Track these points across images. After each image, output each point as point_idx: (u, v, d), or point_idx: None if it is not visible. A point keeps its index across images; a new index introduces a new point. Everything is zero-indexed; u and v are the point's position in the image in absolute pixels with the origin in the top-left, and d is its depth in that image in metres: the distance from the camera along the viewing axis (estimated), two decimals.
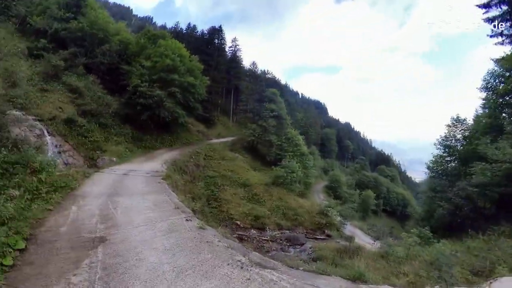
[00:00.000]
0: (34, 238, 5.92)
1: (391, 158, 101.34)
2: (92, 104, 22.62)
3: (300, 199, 28.49)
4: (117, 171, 13.98)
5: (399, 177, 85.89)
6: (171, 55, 27.45)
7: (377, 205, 54.77)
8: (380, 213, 56.99)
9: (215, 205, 21.76)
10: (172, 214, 7.93)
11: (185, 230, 6.68)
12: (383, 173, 74.50)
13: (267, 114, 39.46)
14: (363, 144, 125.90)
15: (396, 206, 62.26)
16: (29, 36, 27.96)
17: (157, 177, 12.76)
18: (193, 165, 23.89)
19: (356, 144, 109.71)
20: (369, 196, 51.36)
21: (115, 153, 19.97)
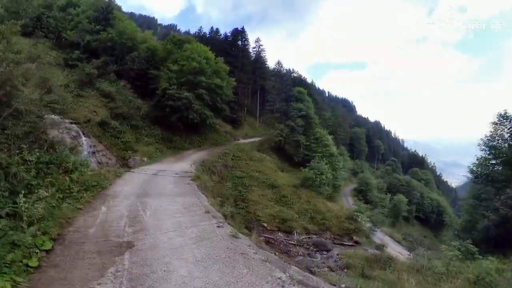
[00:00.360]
0: (62, 238, 5.75)
1: (425, 160, 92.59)
2: (123, 107, 23.31)
3: (328, 202, 27.05)
4: (147, 171, 13.83)
5: (434, 181, 78.99)
6: (197, 58, 27.45)
7: (409, 211, 50.30)
8: (412, 220, 52.41)
9: (242, 206, 21.08)
10: (202, 219, 7.35)
11: (217, 238, 6.00)
12: (417, 176, 68.57)
13: (295, 114, 38.15)
14: (394, 144, 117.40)
15: (429, 213, 56.54)
16: (65, 49, 30.17)
17: (186, 178, 12.37)
18: (221, 165, 23.52)
19: (386, 144, 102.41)
20: (401, 201, 47.39)
21: (145, 153, 20.20)
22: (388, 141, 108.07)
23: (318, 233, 19.04)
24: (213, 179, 19.64)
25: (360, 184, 50.96)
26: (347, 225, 20.68)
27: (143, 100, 27.27)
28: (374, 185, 51.45)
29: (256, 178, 25.93)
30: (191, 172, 13.97)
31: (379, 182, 56.97)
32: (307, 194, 25.15)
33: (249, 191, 23.31)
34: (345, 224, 20.81)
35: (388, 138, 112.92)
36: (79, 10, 33.03)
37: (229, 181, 23.20)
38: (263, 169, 28.61)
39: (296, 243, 16.36)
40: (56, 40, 31.72)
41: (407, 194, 51.88)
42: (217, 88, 28.20)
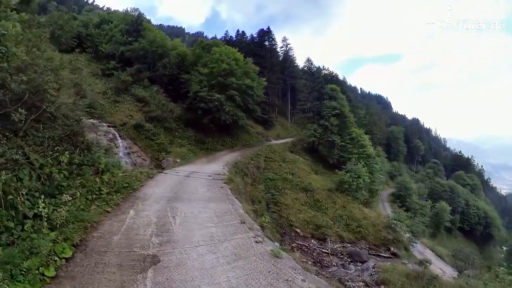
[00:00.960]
0: (84, 244, 5.34)
1: (471, 162, 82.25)
2: (157, 110, 23.64)
3: (365, 208, 24.93)
4: (179, 172, 13.24)
5: (481, 187, 70.49)
6: (226, 60, 26.92)
7: (452, 221, 44.99)
8: (454, 231, 46.98)
9: (275, 209, 19.92)
10: (237, 231, 6.31)
11: (255, 258, 4.90)
12: (461, 181, 61.16)
13: (328, 113, 36.00)
14: (435, 144, 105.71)
15: (475, 224, 50.15)
16: (102, 61, 32.53)
17: (218, 181, 11.50)
18: (253, 167, 22.55)
19: (426, 144, 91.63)
20: (444, 209, 42.95)
21: (178, 154, 20.00)
22: (429, 141, 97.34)
23: (353, 242, 17.70)
24: (245, 181, 18.71)
25: (399, 189, 46.86)
26: (384, 234, 18.90)
27: (176, 103, 27.51)
28: (414, 190, 46.92)
29: (289, 181, 24.62)
30: (223, 174, 13.12)
31: (420, 187, 51.66)
32: (343, 199, 23.63)
33: (282, 194, 22.11)
34: (382, 233, 19.02)
35: (429, 138, 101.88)
36: (111, 25, 35.41)
37: (261, 183, 22.15)
38: (296, 171, 27.18)
39: (329, 252, 15.31)
40: (94, 53, 34.59)
41: (450, 202, 47.00)
42: (248, 88, 27.40)
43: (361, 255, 15.35)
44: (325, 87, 40.34)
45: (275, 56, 53.66)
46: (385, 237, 18.60)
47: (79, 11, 52.69)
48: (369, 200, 30.83)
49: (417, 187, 49.88)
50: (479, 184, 69.57)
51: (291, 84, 53.71)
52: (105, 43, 33.52)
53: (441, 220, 41.97)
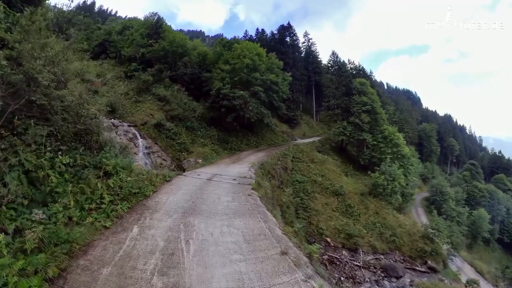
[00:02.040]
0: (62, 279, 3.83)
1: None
2: (178, 109, 22.19)
3: (399, 215, 22.46)
4: (201, 174, 11.37)
5: None
6: (249, 55, 24.90)
7: (491, 231, 39.03)
8: (493, 243, 40.61)
9: (304, 216, 17.95)
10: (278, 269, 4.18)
11: None
12: (502, 185, 53.02)
13: (359, 109, 32.76)
14: (470, 143, 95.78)
15: None
16: (124, 64, 32.70)
17: (245, 186, 9.41)
18: (280, 168, 20.30)
19: (461, 143, 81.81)
20: (483, 217, 37.51)
21: (201, 154, 18.28)
22: (463, 140, 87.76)
23: (386, 253, 16.04)
24: (272, 183, 16.54)
25: (434, 193, 42.15)
26: (421, 245, 16.96)
27: (198, 102, 26.03)
28: (451, 195, 41.54)
29: (318, 183, 22.26)
30: (250, 178, 11.02)
31: (457, 191, 45.52)
32: (376, 204, 21.52)
33: (311, 199, 19.92)
34: (419, 244, 17.09)
35: (463, 136, 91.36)
36: (132, 30, 35.50)
37: (289, 186, 19.90)
38: (326, 173, 24.60)
39: (362, 265, 13.88)
40: (118, 58, 35.39)
41: (489, 209, 41.04)
42: (273, 84, 25.21)
43: (396, 270, 13.83)
44: (353, 82, 36.98)
45: (297, 52, 50.79)
46: (422, 249, 16.66)
47: (103, 22, 54.14)
48: (403, 205, 27.49)
49: (454, 192, 44.37)
50: None
51: (315, 81, 50.57)
52: (126, 47, 33.65)
53: (479, 230, 36.96)
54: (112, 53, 36.31)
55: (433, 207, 38.14)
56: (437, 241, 17.65)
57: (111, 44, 36.97)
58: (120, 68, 31.97)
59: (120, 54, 35.07)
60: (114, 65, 34.01)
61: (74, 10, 59.74)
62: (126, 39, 35.23)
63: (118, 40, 36.46)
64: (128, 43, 34.24)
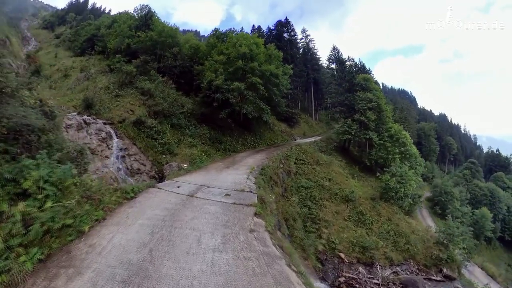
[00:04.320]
0: None
1: (511, 162, 68.03)
2: (163, 104, 18.55)
3: (411, 220, 20.69)
4: (181, 186, 8.02)
5: None
6: (246, 43, 21.57)
7: (493, 230, 37.54)
8: (494, 241, 38.88)
9: (313, 228, 15.11)
10: None
11: None
12: (501, 183, 51.49)
13: (364, 106, 29.61)
14: (465, 141, 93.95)
15: None
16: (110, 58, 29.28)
17: (244, 208, 5.95)
18: (283, 172, 17.03)
19: (457, 141, 79.80)
20: (486, 216, 35.96)
21: (187, 157, 14.80)
22: (459, 138, 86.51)
23: (401, 264, 14.60)
24: (275, 191, 13.27)
25: (437, 193, 39.67)
26: (436, 252, 15.77)
27: (188, 97, 22.52)
28: (456, 195, 39.23)
29: (327, 189, 19.08)
30: (249, 191, 7.62)
31: (461, 191, 43.45)
32: (388, 210, 19.47)
33: (319, 207, 16.88)
34: (433, 251, 15.87)
35: (459, 135, 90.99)
36: (120, 22, 32.27)
37: (294, 193, 16.66)
38: (333, 176, 21.38)
39: (381, 283, 12.16)
40: (106, 54, 32.19)
41: (490, 207, 39.49)
42: (273, 76, 21.75)
43: (417, 284, 12.28)
44: (356, 77, 33.82)
45: (295, 48, 47.57)
46: (436, 256, 15.48)
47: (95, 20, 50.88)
48: (411, 208, 24.77)
49: (459, 192, 41.95)
50: None
51: (314, 78, 47.45)
52: (113, 39, 30.42)
53: (482, 230, 35.23)
54: (99, 47, 33.31)
55: (438, 208, 36.09)
56: (451, 247, 16.41)
57: (99, 39, 34.02)
58: (106, 62, 28.80)
59: (107, 48, 31.90)
60: (100, 59, 31.03)
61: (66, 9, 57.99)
62: (114, 31, 31.92)
63: (106, 34, 33.29)
64: (114, 35, 30.90)
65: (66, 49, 41.70)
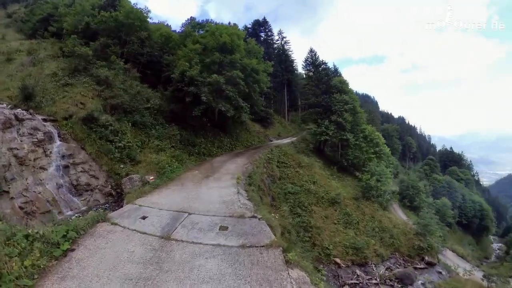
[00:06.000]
0: None
1: (462, 157, 73.75)
2: (123, 96, 14.80)
3: (391, 215, 21.74)
4: (149, 216, 5.20)
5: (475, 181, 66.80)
6: (227, 32, 18.95)
7: (453, 216, 41.53)
8: (453, 226, 42.93)
9: (306, 237, 13.86)
10: None
11: None
12: (455, 176, 56.91)
13: (341, 107, 28.85)
14: (422, 141, 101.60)
15: (472, 218, 46.75)
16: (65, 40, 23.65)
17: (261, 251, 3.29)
18: (267, 177, 14.76)
19: (416, 141, 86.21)
20: (446, 205, 39.54)
21: (154, 165, 11.44)
22: (417, 138, 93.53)
23: (389, 258, 15.28)
24: (264, 201, 10.92)
25: (404, 188, 41.66)
26: (417, 242, 16.98)
27: (155, 91, 19.05)
28: (422, 188, 41.56)
29: (313, 193, 17.63)
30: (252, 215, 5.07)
31: (425, 184, 46.51)
32: (370, 208, 19.90)
33: (309, 213, 15.52)
34: (415, 241, 17.08)
35: (416, 135, 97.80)
36: None
37: (282, 200, 14.50)
38: (317, 179, 19.85)
39: (379, 282, 12.32)
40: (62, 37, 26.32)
41: (449, 197, 43.74)
42: (254, 72, 19.33)
43: (410, 277, 13.22)
44: (332, 80, 33.23)
45: (271, 48, 45.84)
46: (418, 246, 16.69)
47: None
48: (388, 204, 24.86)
49: (423, 185, 45.01)
50: (471, 178, 65.82)
51: (288, 79, 46.12)
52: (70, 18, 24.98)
53: (444, 217, 38.12)
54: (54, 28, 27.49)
55: (406, 201, 37.34)
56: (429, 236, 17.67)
57: (55, 19, 28.03)
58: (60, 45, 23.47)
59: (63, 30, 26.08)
60: (54, 43, 25.50)
61: None
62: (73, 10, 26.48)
63: (64, 14, 27.45)
64: (73, 14, 25.52)
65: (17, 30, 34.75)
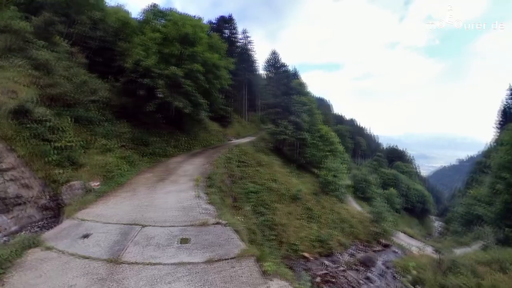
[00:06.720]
0: None
1: (405, 154, 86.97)
2: (65, 85, 12.61)
3: (348, 206, 23.09)
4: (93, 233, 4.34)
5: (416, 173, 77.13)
6: (191, 23, 17.83)
7: (400, 203, 48.47)
8: (401, 211, 49.86)
9: (272, 235, 13.72)
10: None
11: None
12: (400, 169, 65.44)
13: (299, 108, 29.86)
14: (370, 140, 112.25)
15: (416, 203, 55.24)
16: None
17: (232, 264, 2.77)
18: (228, 178, 14.30)
19: (365, 140, 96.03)
20: (393, 194, 45.73)
21: (100, 168, 9.89)
22: (366, 138, 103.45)
23: (351, 245, 16.24)
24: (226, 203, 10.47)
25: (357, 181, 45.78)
26: (373, 229, 18.52)
27: (105, 83, 16.79)
28: (373, 181, 46.55)
29: (275, 191, 17.88)
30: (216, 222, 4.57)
31: (376, 177, 52.49)
32: (329, 201, 20.97)
33: (272, 211, 15.69)
34: (371, 228, 18.60)
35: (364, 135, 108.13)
36: None
37: (244, 200, 14.17)
38: (277, 177, 20.08)
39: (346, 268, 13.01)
40: None
41: (395, 187, 50.40)
42: (215, 68, 18.58)
43: (372, 259, 13.92)
44: (292, 82, 34.35)
45: (234, 47, 45.17)
46: (374, 232, 18.19)
47: None
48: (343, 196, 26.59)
49: (374, 178, 50.34)
50: (413, 170, 75.99)
51: (248, 79, 46.06)
52: None
53: (393, 204, 43.35)
54: None
55: (359, 193, 40.66)
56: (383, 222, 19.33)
57: None
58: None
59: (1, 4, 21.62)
60: None
61: None
62: None
63: None
64: None
65: None
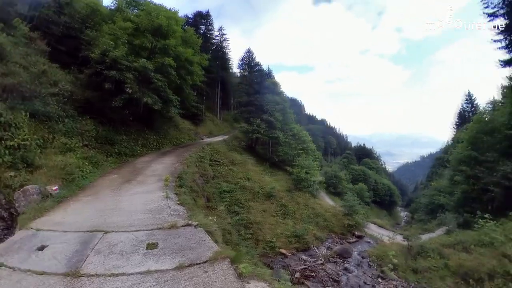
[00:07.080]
0: None
1: (373, 151, 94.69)
2: (21, 74, 11.15)
3: (321, 201, 23.55)
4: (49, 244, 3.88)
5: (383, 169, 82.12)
6: (165, 15, 16.94)
7: (369, 197, 51.39)
8: (370, 204, 52.81)
9: (248, 234, 13.73)
10: None
11: None
12: (368, 165, 69.85)
13: (272, 107, 30.16)
14: (340, 139, 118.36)
15: (383, 196, 59.14)
16: None
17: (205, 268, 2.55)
18: (200, 177, 14.00)
19: (335, 139, 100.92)
20: (363, 189, 48.21)
21: (59, 170, 8.88)
22: (336, 137, 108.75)
23: (327, 238, 16.78)
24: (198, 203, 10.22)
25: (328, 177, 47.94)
26: (346, 222, 19.12)
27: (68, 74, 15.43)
28: (343, 177, 48.97)
29: (249, 189, 18.09)
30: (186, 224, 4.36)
31: (346, 174, 54.94)
32: (302, 197, 21.37)
33: (247, 210, 15.82)
34: (344, 221, 19.18)
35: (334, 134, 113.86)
36: None
37: (217, 200, 14.01)
38: (251, 175, 20.22)
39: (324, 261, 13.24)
40: None
41: (364, 182, 53.18)
42: (188, 63, 17.96)
43: (348, 250, 14.42)
44: (265, 81, 34.66)
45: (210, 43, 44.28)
46: (347, 224, 18.79)
47: None
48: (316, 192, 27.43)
49: (344, 174, 53.15)
50: (380, 167, 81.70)
51: (222, 77, 45.54)
52: None
53: (363, 198, 45.37)
54: None
55: (331, 188, 42.30)
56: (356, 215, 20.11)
57: None
58: None
59: None
60: None
61: None
62: None
63: None
64: None
65: None
